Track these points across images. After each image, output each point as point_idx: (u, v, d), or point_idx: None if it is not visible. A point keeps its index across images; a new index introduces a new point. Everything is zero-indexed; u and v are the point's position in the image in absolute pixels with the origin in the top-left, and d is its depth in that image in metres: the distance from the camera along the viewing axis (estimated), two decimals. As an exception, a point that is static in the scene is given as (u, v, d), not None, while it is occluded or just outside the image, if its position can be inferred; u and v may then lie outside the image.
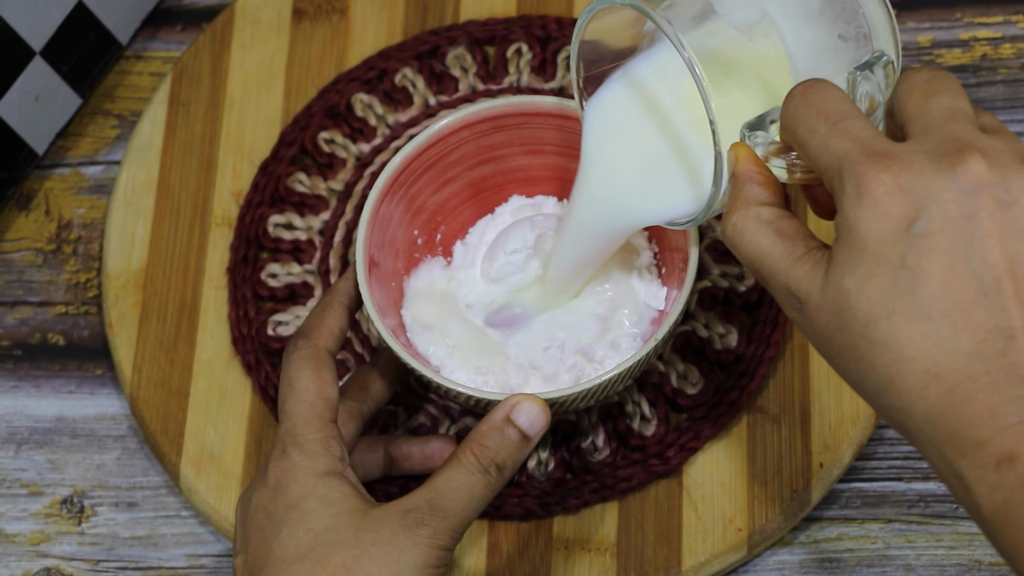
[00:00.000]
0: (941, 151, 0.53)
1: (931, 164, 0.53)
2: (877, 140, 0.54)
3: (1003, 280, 0.52)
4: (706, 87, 0.59)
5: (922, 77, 0.56)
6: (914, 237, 0.52)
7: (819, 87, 0.57)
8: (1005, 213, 0.52)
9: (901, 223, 0.52)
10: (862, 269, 0.53)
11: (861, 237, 0.53)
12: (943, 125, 0.54)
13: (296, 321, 0.83)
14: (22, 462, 0.84)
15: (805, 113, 0.56)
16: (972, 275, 0.52)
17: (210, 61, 0.90)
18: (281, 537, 0.66)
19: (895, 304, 0.52)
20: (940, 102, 0.55)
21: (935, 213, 0.52)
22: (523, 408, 0.69)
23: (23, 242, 0.89)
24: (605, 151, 0.70)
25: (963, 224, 0.52)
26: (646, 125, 0.68)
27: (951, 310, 0.52)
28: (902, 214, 0.52)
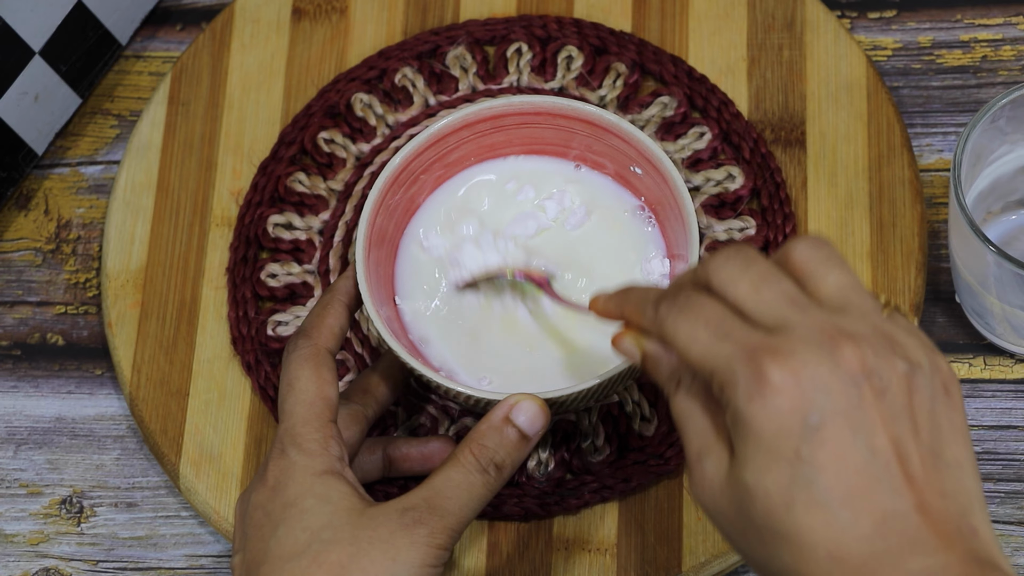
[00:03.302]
0: (817, 340, 0.55)
1: (813, 354, 0.55)
2: (758, 338, 0.56)
3: (892, 464, 0.54)
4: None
5: (734, 265, 0.58)
6: (808, 430, 0.54)
7: (686, 295, 0.58)
8: (882, 399, 0.55)
9: (794, 417, 0.54)
10: (759, 463, 0.55)
11: (756, 433, 0.55)
12: (797, 315, 0.56)
13: (296, 321, 0.83)
14: (21, 462, 0.84)
15: (683, 322, 0.58)
16: (864, 462, 0.54)
17: (210, 61, 0.90)
18: (278, 535, 0.66)
19: (794, 496, 0.54)
20: (771, 290, 0.57)
21: (826, 404, 0.54)
22: (522, 408, 0.69)
23: (22, 242, 0.89)
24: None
25: (851, 413, 0.54)
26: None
27: (849, 497, 0.54)
28: (794, 408, 0.54)
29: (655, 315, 0.59)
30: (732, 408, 0.55)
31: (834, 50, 0.86)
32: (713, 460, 0.57)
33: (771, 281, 0.57)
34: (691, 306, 0.58)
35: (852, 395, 0.54)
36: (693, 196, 0.83)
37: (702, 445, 0.58)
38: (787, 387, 0.54)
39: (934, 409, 0.56)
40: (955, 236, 0.76)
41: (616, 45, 0.87)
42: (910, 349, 0.56)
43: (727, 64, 0.87)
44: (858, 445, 0.54)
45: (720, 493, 0.57)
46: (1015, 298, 0.75)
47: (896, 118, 0.84)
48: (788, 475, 0.54)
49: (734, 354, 0.55)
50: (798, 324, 0.56)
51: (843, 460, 0.54)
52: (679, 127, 0.85)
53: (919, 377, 0.56)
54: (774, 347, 0.55)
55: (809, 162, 0.84)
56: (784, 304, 0.57)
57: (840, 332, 0.55)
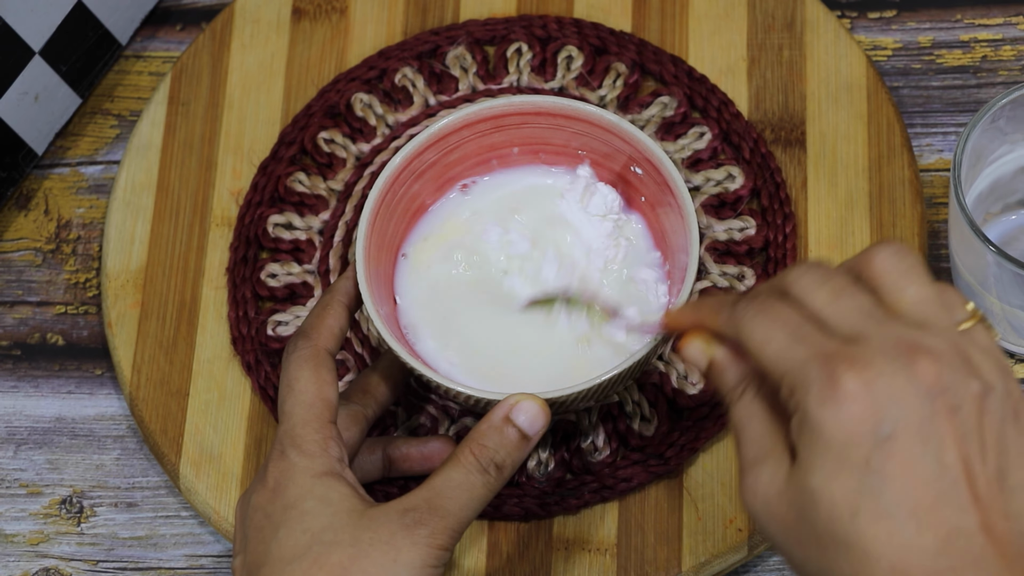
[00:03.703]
0: (894, 352, 0.55)
1: (889, 365, 0.55)
2: (834, 345, 0.56)
3: (960, 481, 0.54)
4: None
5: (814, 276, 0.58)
6: (880, 440, 0.54)
7: (765, 298, 0.59)
8: (954, 416, 0.55)
9: (867, 425, 0.54)
10: (827, 469, 0.55)
11: (826, 438, 0.54)
12: (874, 327, 0.56)
13: (296, 321, 0.83)
14: (21, 462, 0.84)
15: (760, 323, 0.58)
16: (933, 477, 0.54)
17: (210, 61, 0.90)
18: (279, 537, 0.65)
19: (860, 504, 0.54)
20: (850, 301, 0.57)
21: (899, 416, 0.54)
22: (522, 407, 0.69)
23: (22, 242, 0.89)
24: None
25: (923, 427, 0.54)
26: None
27: (915, 511, 0.54)
28: (867, 416, 0.54)
29: (732, 314, 0.59)
30: (802, 412, 0.55)
31: (834, 50, 0.86)
32: (771, 466, 0.57)
33: (850, 293, 0.57)
34: (769, 309, 0.58)
35: (925, 409, 0.54)
36: (693, 196, 0.83)
37: (760, 451, 0.58)
38: (861, 395, 0.54)
39: (1003, 431, 0.55)
40: (955, 236, 0.76)
41: (616, 45, 0.87)
42: (985, 370, 0.56)
43: (727, 64, 0.87)
44: (928, 459, 0.54)
45: (777, 499, 0.56)
46: (1015, 298, 0.75)
47: (896, 118, 0.84)
48: (856, 483, 0.54)
49: (809, 358, 0.55)
50: (875, 335, 0.56)
51: (912, 473, 0.54)
52: (679, 127, 0.85)
53: (991, 399, 0.55)
54: (850, 355, 0.55)
55: (809, 162, 0.84)
56: (862, 315, 0.57)
57: (917, 346, 0.55)
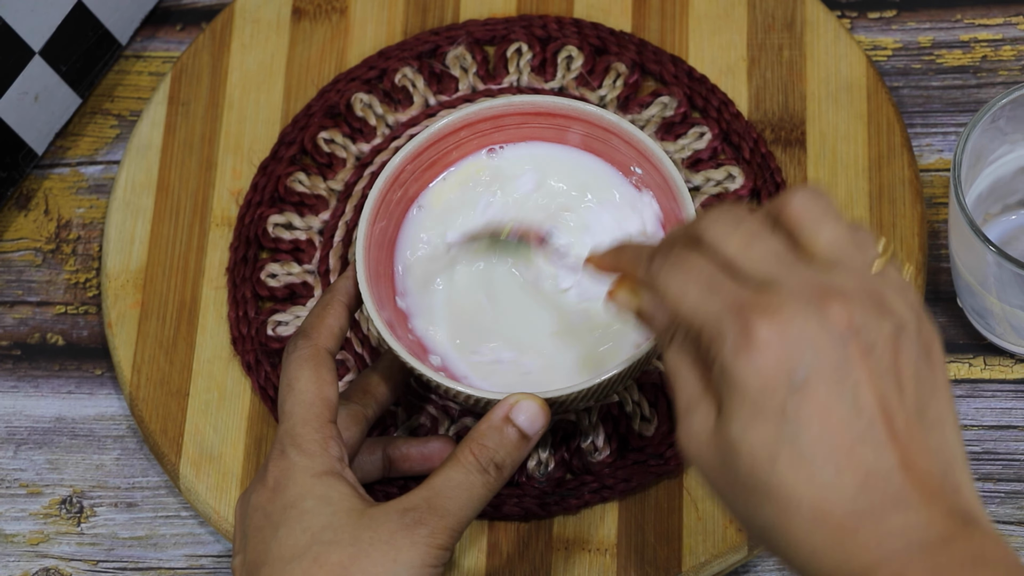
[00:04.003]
0: (805, 297, 0.55)
1: (801, 311, 0.55)
2: (746, 294, 0.56)
3: (877, 421, 0.54)
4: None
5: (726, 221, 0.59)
6: (794, 386, 0.54)
7: (678, 251, 0.59)
8: (868, 357, 0.55)
9: (781, 373, 0.54)
10: (744, 418, 0.55)
11: (742, 388, 0.55)
12: (786, 272, 0.56)
13: (296, 321, 0.83)
14: (21, 462, 0.84)
15: (674, 277, 0.58)
16: (849, 419, 0.54)
17: (210, 61, 0.90)
18: (279, 536, 0.66)
19: (779, 451, 0.54)
20: (762, 247, 0.57)
21: (812, 361, 0.54)
22: (522, 407, 0.69)
23: (22, 242, 0.89)
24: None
25: (837, 370, 0.55)
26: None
27: (833, 454, 0.54)
28: (781, 364, 0.54)
29: (648, 268, 0.60)
30: (719, 363, 0.56)
31: (834, 50, 0.86)
32: (701, 414, 0.57)
33: (762, 238, 0.58)
34: (682, 262, 0.58)
35: (838, 352, 0.55)
36: (693, 196, 0.83)
37: (690, 399, 0.58)
38: (773, 343, 0.54)
39: (918, 368, 0.56)
40: (955, 236, 0.76)
41: (616, 45, 0.87)
42: (897, 308, 0.56)
43: (727, 64, 0.87)
44: (843, 402, 0.54)
45: (706, 447, 0.57)
46: (1015, 298, 0.75)
47: (896, 118, 0.84)
48: (773, 430, 0.54)
49: (722, 310, 0.56)
50: (787, 281, 0.56)
51: (828, 417, 0.54)
52: (679, 127, 0.85)
53: (905, 337, 0.56)
54: (762, 303, 0.55)
55: (809, 162, 0.84)
56: (774, 261, 0.57)
57: (828, 290, 0.55)
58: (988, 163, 0.77)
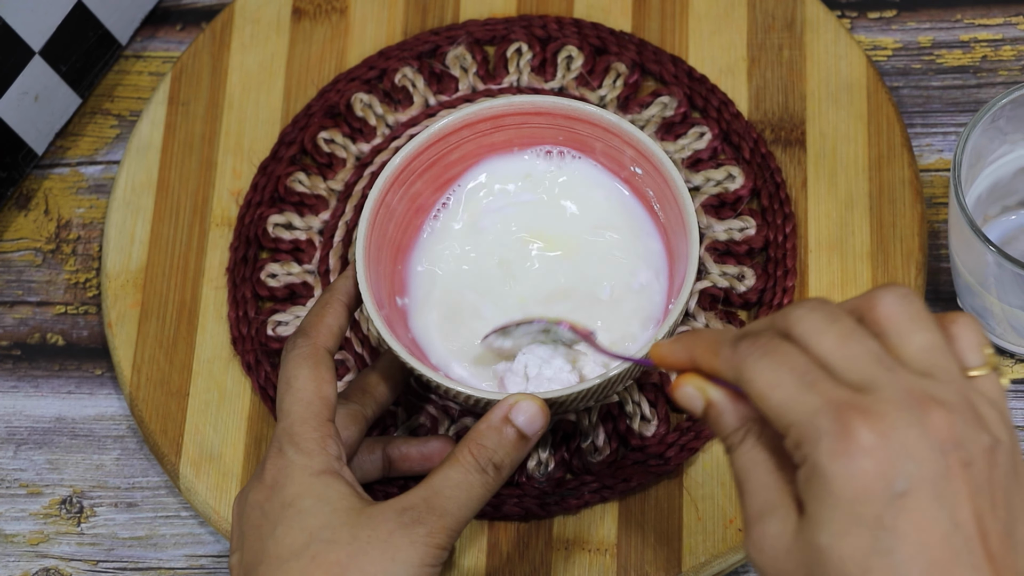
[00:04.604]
0: (906, 403, 0.53)
1: (902, 418, 0.53)
2: (846, 394, 0.54)
3: (974, 539, 0.53)
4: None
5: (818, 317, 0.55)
6: (894, 496, 0.52)
7: (769, 338, 0.56)
8: (967, 472, 0.53)
9: (880, 481, 0.52)
10: (837, 526, 0.53)
11: (837, 494, 0.52)
12: (885, 375, 0.54)
13: (296, 321, 0.83)
14: (21, 462, 0.84)
15: (765, 366, 0.55)
16: (947, 535, 0.52)
17: (209, 61, 0.90)
18: (277, 535, 0.65)
19: (872, 563, 0.52)
20: (858, 347, 0.55)
21: (913, 472, 0.52)
22: (521, 408, 0.69)
23: (22, 242, 0.89)
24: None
25: (938, 483, 0.52)
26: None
27: (929, 570, 0.52)
28: (880, 471, 0.52)
29: (733, 354, 0.57)
30: (811, 464, 0.53)
31: (834, 50, 0.86)
32: (779, 520, 0.55)
33: (857, 338, 0.55)
34: (774, 351, 0.55)
35: (939, 464, 0.52)
36: (693, 196, 0.83)
37: (766, 503, 0.55)
38: (875, 449, 0.52)
39: (1009, 485, 0.54)
40: (955, 236, 0.76)
41: (616, 45, 0.87)
42: (992, 423, 0.54)
43: (727, 64, 0.87)
44: (942, 517, 0.52)
45: (786, 555, 0.54)
46: (1015, 298, 0.75)
47: (896, 118, 0.84)
48: (868, 541, 0.52)
49: (820, 407, 0.53)
50: (886, 385, 0.54)
51: (926, 531, 0.52)
52: (679, 127, 0.85)
53: (999, 453, 0.54)
54: (864, 406, 0.53)
55: (809, 162, 0.84)
56: (871, 362, 0.54)
57: (929, 397, 0.53)
58: (988, 163, 0.77)
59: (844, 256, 0.81)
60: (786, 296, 0.81)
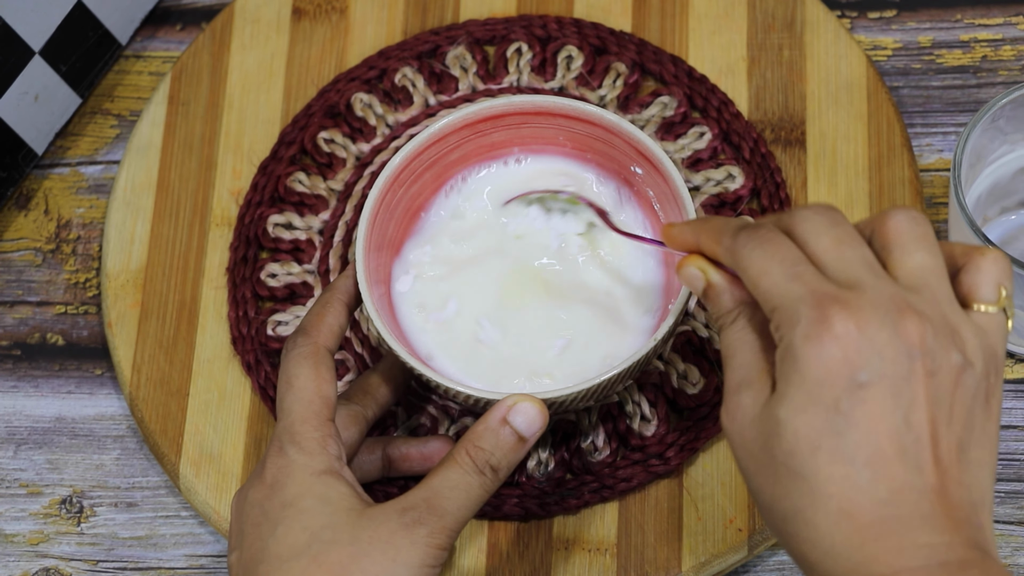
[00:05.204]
0: (885, 306, 0.56)
1: (877, 318, 0.56)
2: (829, 287, 0.57)
3: (923, 441, 0.55)
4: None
5: (821, 219, 0.59)
6: (854, 385, 0.55)
7: (768, 230, 0.59)
8: (931, 380, 0.56)
9: (845, 368, 0.55)
10: (797, 402, 0.56)
11: (803, 372, 0.56)
12: (872, 279, 0.57)
13: (296, 321, 0.83)
14: (21, 462, 0.84)
15: (760, 254, 0.59)
16: (898, 431, 0.55)
17: (209, 61, 0.90)
18: (277, 534, 0.65)
19: (822, 442, 0.55)
20: (852, 251, 0.58)
21: (878, 366, 0.55)
22: (520, 409, 0.69)
23: (22, 242, 0.89)
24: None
25: (898, 382, 0.55)
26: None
27: (874, 459, 0.55)
28: (846, 360, 0.55)
29: (733, 242, 0.60)
30: (785, 344, 0.56)
31: (834, 50, 0.86)
32: (753, 392, 0.58)
33: (854, 243, 0.58)
34: (771, 241, 0.59)
35: (904, 366, 0.55)
36: (693, 196, 0.83)
37: (745, 377, 0.59)
38: (845, 338, 0.55)
39: (972, 407, 0.57)
40: (955, 236, 0.76)
41: (616, 45, 0.87)
42: (969, 346, 0.57)
43: (727, 64, 0.87)
44: (896, 413, 0.55)
45: (750, 424, 0.58)
46: (1015, 298, 0.75)
47: (896, 118, 0.84)
48: (822, 421, 0.55)
49: (802, 295, 0.56)
50: (871, 287, 0.57)
51: (878, 423, 0.55)
52: (679, 127, 0.85)
53: (968, 374, 0.57)
54: (844, 299, 0.56)
55: (809, 162, 0.84)
56: (862, 266, 0.58)
57: (908, 305, 0.56)
58: (988, 163, 0.77)
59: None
60: (786, 296, 0.81)
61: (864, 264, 0.58)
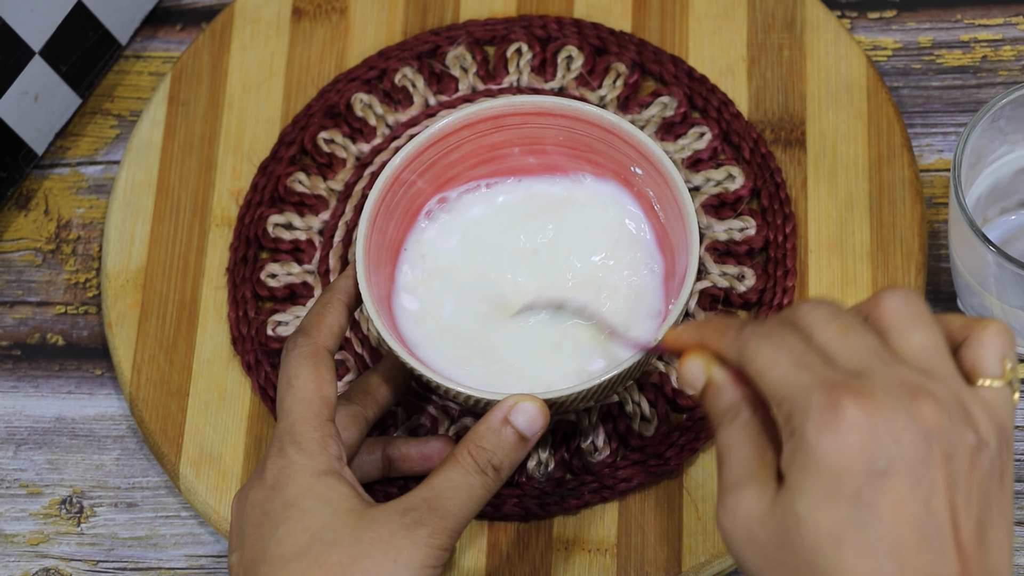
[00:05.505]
0: (897, 390, 0.55)
1: (891, 401, 0.55)
2: (839, 375, 0.56)
3: (944, 527, 0.54)
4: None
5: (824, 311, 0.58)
6: (874, 473, 0.54)
7: (773, 325, 0.59)
8: (949, 463, 0.55)
9: (863, 457, 0.54)
10: (817, 495, 0.54)
11: (820, 465, 0.54)
12: (881, 365, 0.56)
13: (296, 321, 0.83)
14: (21, 462, 0.84)
15: (766, 347, 0.58)
16: (921, 519, 0.54)
17: (209, 61, 0.90)
18: (278, 535, 0.65)
19: (846, 536, 0.54)
20: (858, 339, 0.57)
21: (895, 453, 0.54)
22: (521, 408, 0.69)
23: (22, 242, 0.89)
24: None
25: (918, 468, 0.54)
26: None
27: (899, 550, 0.54)
28: (864, 448, 0.54)
29: (738, 336, 0.59)
30: (799, 436, 0.55)
31: (834, 50, 0.86)
32: (755, 489, 0.57)
33: (858, 332, 0.57)
34: (777, 334, 0.58)
35: (921, 450, 0.54)
36: (693, 196, 0.83)
37: (744, 474, 0.57)
38: (860, 425, 0.54)
39: (989, 487, 0.56)
40: (955, 236, 0.76)
41: (616, 45, 0.87)
42: (982, 425, 0.56)
43: (727, 64, 0.87)
44: (918, 500, 0.54)
45: (759, 522, 0.56)
46: (1015, 298, 0.75)
47: (896, 118, 0.84)
48: (845, 513, 0.54)
49: (812, 384, 0.55)
50: (880, 372, 0.56)
51: (901, 511, 0.54)
52: (679, 127, 0.85)
53: (984, 454, 0.56)
54: (855, 387, 0.55)
55: (809, 162, 0.84)
56: (869, 353, 0.56)
57: (921, 388, 0.55)
58: (988, 163, 0.77)
59: (844, 256, 0.81)
60: (786, 296, 0.81)
61: (871, 351, 0.57)
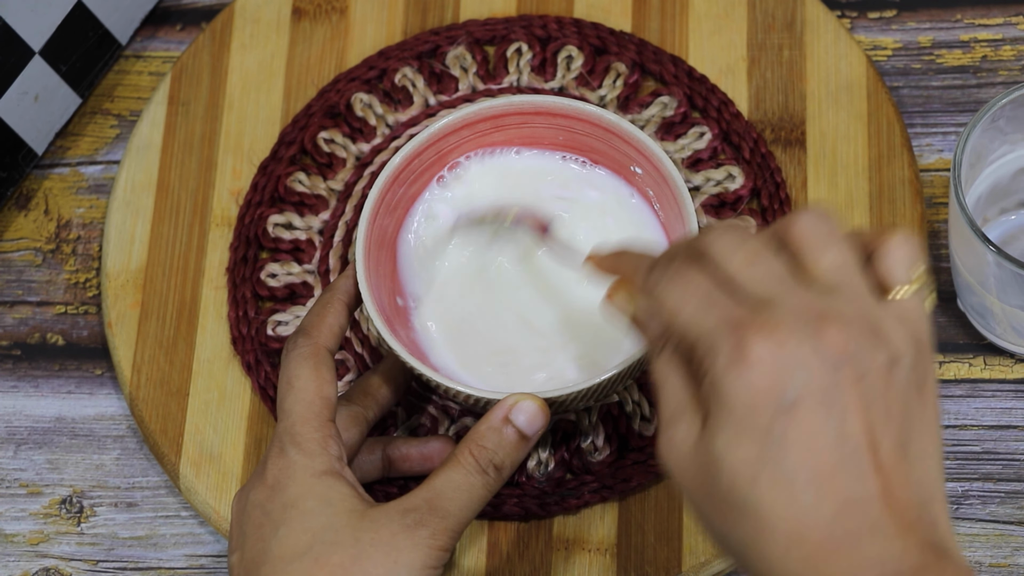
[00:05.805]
0: (802, 319, 0.55)
1: (795, 333, 0.55)
2: (743, 312, 0.56)
3: (861, 449, 0.54)
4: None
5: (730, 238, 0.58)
6: (783, 407, 0.54)
7: (679, 264, 0.59)
8: (860, 384, 0.55)
9: (770, 392, 0.54)
10: (729, 434, 0.55)
11: (730, 403, 0.55)
12: (786, 293, 0.56)
13: (296, 321, 0.83)
14: (21, 462, 0.84)
15: (672, 289, 0.58)
16: (834, 444, 0.54)
17: (209, 61, 0.90)
18: (279, 536, 0.65)
19: (760, 471, 0.54)
20: (763, 267, 0.57)
21: (802, 384, 0.54)
22: (521, 408, 0.69)
23: (22, 242, 0.89)
24: None
25: (827, 394, 0.54)
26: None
27: (814, 478, 0.54)
28: (771, 383, 0.54)
29: (647, 280, 0.60)
30: (710, 377, 0.55)
31: (834, 50, 0.86)
32: (685, 425, 0.57)
33: (764, 258, 0.57)
34: (681, 275, 0.58)
35: (829, 377, 0.54)
36: (693, 196, 0.83)
37: (676, 409, 0.58)
38: (766, 361, 0.54)
39: (907, 401, 0.56)
40: (955, 236, 0.76)
41: (616, 45, 0.87)
42: (895, 339, 0.56)
43: (727, 64, 0.87)
44: (830, 427, 0.54)
45: (688, 459, 0.57)
46: (1015, 298, 0.75)
47: (896, 118, 0.84)
48: (757, 449, 0.54)
49: (718, 325, 0.56)
50: (785, 302, 0.56)
51: (813, 440, 0.54)
52: (679, 127, 0.85)
53: (898, 369, 0.56)
54: (758, 322, 0.55)
55: (809, 162, 0.84)
56: (774, 281, 0.57)
57: (826, 314, 0.55)
58: (988, 163, 0.77)
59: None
60: (786, 296, 0.81)
61: (776, 279, 0.57)
